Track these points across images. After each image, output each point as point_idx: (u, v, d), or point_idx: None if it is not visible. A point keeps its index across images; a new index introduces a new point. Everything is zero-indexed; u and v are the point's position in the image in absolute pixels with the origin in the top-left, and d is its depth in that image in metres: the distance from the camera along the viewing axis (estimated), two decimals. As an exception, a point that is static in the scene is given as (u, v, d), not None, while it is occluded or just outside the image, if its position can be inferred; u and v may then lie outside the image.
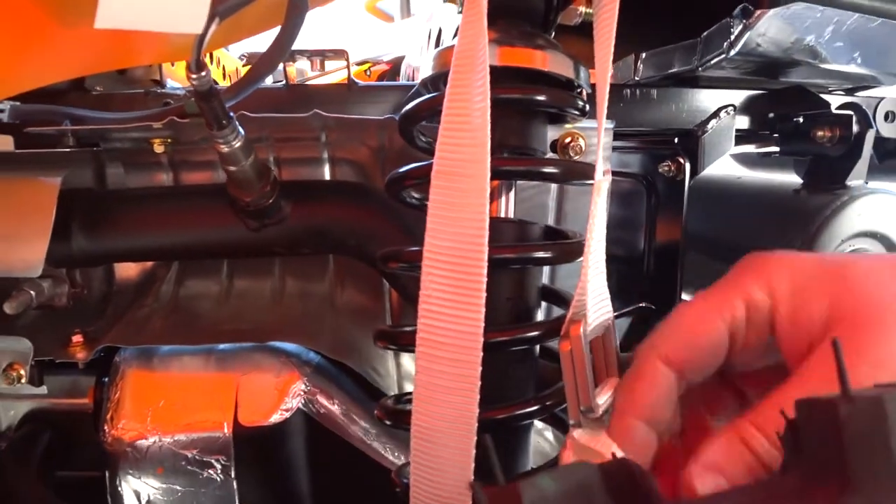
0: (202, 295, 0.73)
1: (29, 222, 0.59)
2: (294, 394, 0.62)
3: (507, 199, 0.51)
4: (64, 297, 0.68)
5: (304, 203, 0.62)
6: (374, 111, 0.70)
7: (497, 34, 0.49)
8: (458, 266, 0.39)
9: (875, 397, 0.24)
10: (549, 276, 0.70)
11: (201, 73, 0.46)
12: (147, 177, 0.70)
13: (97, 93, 0.71)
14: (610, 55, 0.43)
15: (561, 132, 0.64)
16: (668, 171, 0.77)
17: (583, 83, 0.51)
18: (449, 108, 0.40)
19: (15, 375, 0.64)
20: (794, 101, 0.76)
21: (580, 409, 0.40)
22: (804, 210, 0.71)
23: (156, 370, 0.64)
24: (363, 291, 0.73)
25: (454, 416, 0.41)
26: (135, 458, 0.61)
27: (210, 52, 0.89)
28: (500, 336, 0.46)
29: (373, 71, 1.10)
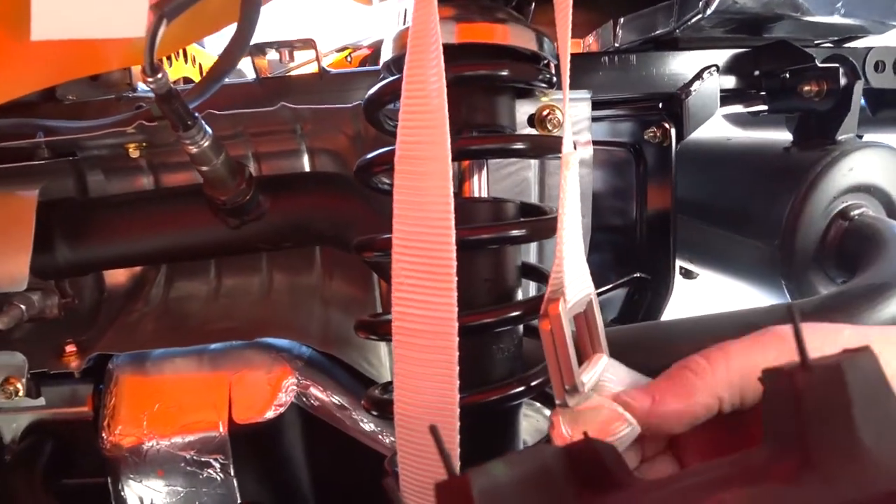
0: (191, 296, 0.73)
1: (9, 237, 0.59)
2: (287, 388, 0.62)
3: (479, 179, 0.50)
4: (55, 308, 0.68)
5: (282, 197, 0.62)
6: (349, 98, 0.69)
7: (456, 10, 0.48)
8: (426, 250, 0.39)
9: (833, 365, 0.23)
10: (537, 252, 0.69)
11: (157, 75, 0.46)
12: (128, 182, 0.70)
13: (69, 102, 0.71)
14: (568, 25, 0.42)
15: (538, 105, 0.62)
16: (654, 137, 0.76)
17: (548, 55, 0.50)
18: (407, 90, 0.39)
19: (12, 389, 0.64)
20: (779, 57, 0.74)
21: (565, 388, 0.40)
22: (794, 168, 0.70)
23: (149, 374, 0.64)
24: (352, 282, 0.73)
25: (435, 402, 0.41)
26: (135, 463, 0.62)
27: (169, 53, 0.88)
28: (477, 319, 0.45)
29: (354, 57, 1.09)
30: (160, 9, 0.42)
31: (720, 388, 0.35)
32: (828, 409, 0.22)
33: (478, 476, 0.24)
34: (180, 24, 0.46)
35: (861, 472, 0.21)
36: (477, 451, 0.37)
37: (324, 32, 1.35)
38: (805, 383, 0.23)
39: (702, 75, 0.73)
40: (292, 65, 0.79)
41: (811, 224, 0.67)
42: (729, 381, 0.35)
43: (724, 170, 0.81)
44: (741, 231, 0.74)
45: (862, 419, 0.22)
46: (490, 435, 0.50)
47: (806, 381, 0.23)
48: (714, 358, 0.36)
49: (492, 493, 0.24)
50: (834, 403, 0.22)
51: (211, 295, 0.73)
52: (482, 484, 0.23)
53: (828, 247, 0.68)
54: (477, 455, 0.31)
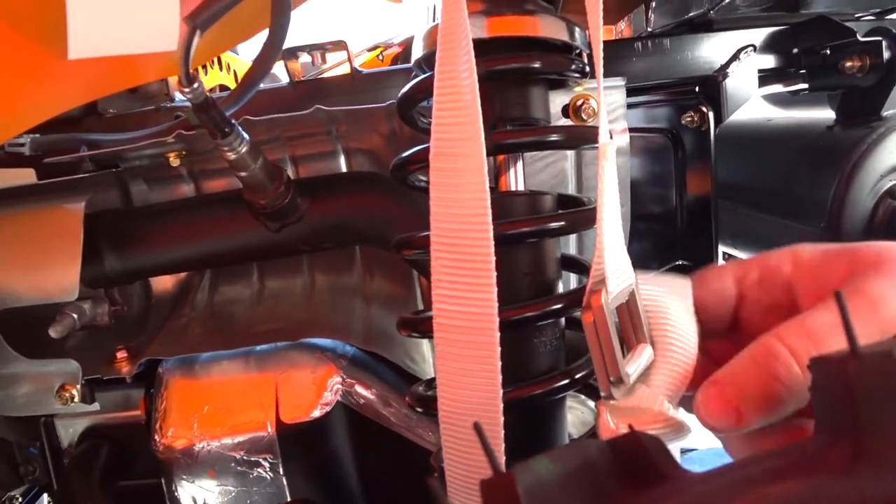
0: (236, 299, 0.74)
1: (59, 249, 0.61)
2: (332, 387, 0.63)
3: (515, 172, 0.50)
4: (105, 315, 0.70)
5: (321, 199, 0.63)
6: (382, 97, 0.69)
7: (485, 4, 0.48)
8: (464, 246, 0.39)
9: (885, 352, 0.22)
10: (577, 244, 0.68)
11: (193, 85, 0.47)
12: (170, 190, 0.72)
13: (110, 115, 0.72)
14: (600, 12, 0.42)
15: (572, 95, 0.62)
16: (692, 121, 0.75)
17: (580, 44, 0.50)
18: (439, 87, 0.39)
19: (68, 396, 0.66)
20: (818, 33, 0.72)
21: (610, 380, 0.39)
22: (838, 147, 0.68)
23: (198, 377, 0.66)
24: (392, 280, 0.73)
25: (478, 398, 0.41)
26: (186, 464, 0.63)
27: (204, 62, 0.90)
28: (518, 313, 0.45)
29: (385, 55, 1.09)
30: (193, 20, 0.43)
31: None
32: (880, 397, 0.22)
33: (522, 472, 0.23)
34: (213, 33, 0.47)
35: (918, 461, 0.20)
36: (522, 445, 0.37)
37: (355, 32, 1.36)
38: (856, 371, 0.22)
39: (738, 56, 0.72)
40: (325, 67, 0.80)
41: (858, 204, 0.65)
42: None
43: (765, 152, 0.79)
44: (785, 214, 0.73)
45: (917, 406, 0.21)
46: (535, 429, 0.50)
47: (857, 369, 0.22)
48: (799, 349, 0.31)
49: (537, 490, 0.24)
50: (886, 391, 0.22)
51: (255, 298, 0.74)
52: (527, 480, 0.23)
53: (876, 227, 0.66)
54: (522, 450, 0.31)
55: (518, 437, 0.42)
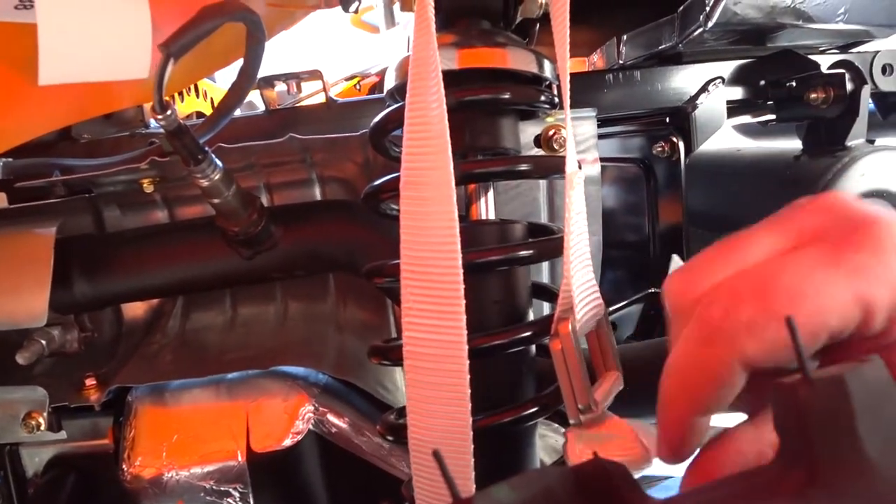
0: (208, 326, 0.74)
1: (28, 274, 0.60)
2: (304, 416, 0.62)
3: (486, 201, 0.51)
4: (75, 342, 0.69)
5: (294, 226, 0.63)
6: (357, 126, 0.70)
7: (456, 36, 0.49)
8: (433, 275, 0.39)
9: (835, 377, 0.23)
10: (549, 272, 0.69)
11: (166, 112, 0.47)
12: (143, 216, 0.71)
13: (85, 140, 0.72)
14: (566, 45, 0.43)
15: (543, 126, 0.63)
16: (663, 151, 0.76)
17: (549, 76, 0.51)
18: (409, 117, 0.39)
19: (34, 424, 0.65)
20: (784, 66, 0.74)
21: (578, 407, 0.39)
22: (805, 176, 0.69)
23: (168, 405, 0.65)
24: (366, 307, 0.73)
25: (448, 426, 0.41)
26: (155, 494, 0.62)
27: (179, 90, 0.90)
28: (487, 341, 0.45)
29: (363, 84, 1.11)
30: (166, 48, 0.43)
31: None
32: (832, 423, 0.22)
33: (482, 500, 0.24)
34: (189, 60, 0.47)
35: (866, 486, 0.21)
36: (493, 473, 0.37)
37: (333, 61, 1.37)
38: (807, 397, 0.23)
39: (707, 88, 0.73)
40: (302, 96, 0.80)
41: (825, 232, 0.67)
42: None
43: (735, 181, 0.80)
44: (755, 242, 0.74)
45: (866, 431, 0.22)
46: (506, 456, 0.50)
47: (808, 395, 0.23)
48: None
49: (495, 518, 0.24)
50: (838, 416, 0.22)
51: (227, 325, 0.74)
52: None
53: (843, 254, 0.67)
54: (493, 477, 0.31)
55: (489, 465, 0.42)
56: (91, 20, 0.40)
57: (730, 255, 0.30)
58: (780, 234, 0.30)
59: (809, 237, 0.28)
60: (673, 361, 0.30)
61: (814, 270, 0.26)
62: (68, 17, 0.40)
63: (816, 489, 0.21)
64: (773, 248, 0.29)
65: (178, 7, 0.46)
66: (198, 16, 0.45)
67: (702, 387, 0.28)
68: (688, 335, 0.29)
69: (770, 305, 0.26)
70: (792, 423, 0.24)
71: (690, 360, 0.29)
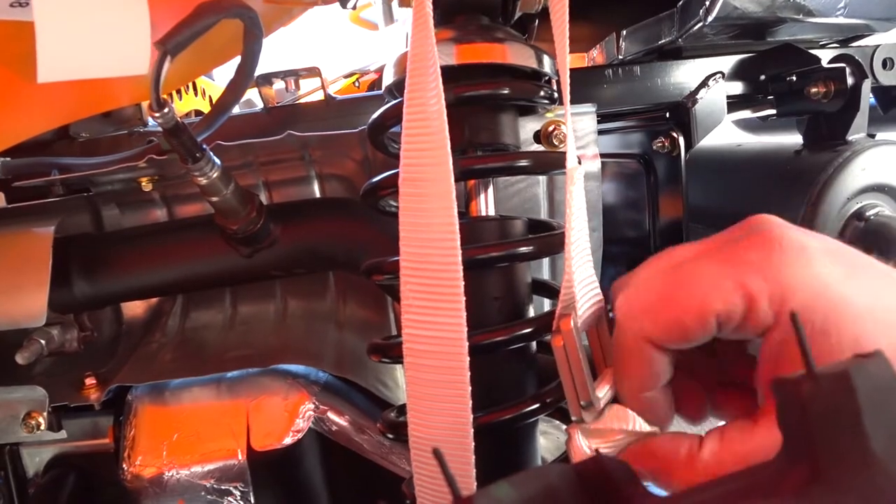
0: (208, 325, 0.74)
1: (27, 274, 0.60)
2: (304, 414, 0.62)
3: (485, 197, 0.51)
4: (75, 342, 0.69)
5: (293, 224, 0.63)
6: (356, 123, 0.69)
7: (455, 32, 0.48)
8: (432, 271, 0.39)
9: (841, 372, 0.22)
10: (550, 269, 0.69)
11: (163, 110, 0.46)
12: (142, 215, 0.71)
13: (83, 139, 0.72)
14: (565, 40, 0.42)
15: (543, 122, 0.63)
16: (663, 147, 0.76)
17: (549, 71, 0.50)
18: (407, 113, 0.39)
19: (34, 423, 0.65)
20: (785, 61, 0.73)
21: (580, 404, 0.39)
22: (806, 171, 0.69)
23: (168, 404, 0.65)
24: (366, 305, 0.73)
25: (448, 423, 0.41)
26: (155, 493, 0.62)
27: (177, 87, 0.90)
28: (488, 338, 0.45)
29: (362, 81, 1.10)
30: (164, 46, 0.43)
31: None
32: (836, 419, 0.22)
33: (482, 499, 0.23)
34: (186, 58, 0.47)
35: (871, 483, 0.20)
36: (494, 470, 0.37)
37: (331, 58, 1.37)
38: (812, 393, 0.22)
39: (707, 83, 0.73)
40: (300, 93, 0.80)
41: (826, 227, 0.66)
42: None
43: (735, 176, 0.80)
44: (755, 237, 0.74)
45: (872, 427, 0.21)
46: (507, 454, 0.50)
47: (812, 391, 0.22)
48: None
49: (496, 516, 0.23)
50: (843, 412, 0.22)
51: (227, 323, 0.74)
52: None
53: (844, 249, 0.67)
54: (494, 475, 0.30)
55: (490, 462, 0.41)
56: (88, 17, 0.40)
57: (656, 263, 0.36)
58: (700, 245, 0.35)
59: (718, 245, 0.33)
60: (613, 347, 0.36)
61: (705, 265, 0.32)
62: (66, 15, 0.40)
63: (820, 486, 0.21)
64: (690, 255, 0.34)
65: (176, 4, 0.46)
66: (195, 13, 0.45)
67: (629, 365, 0.35)
68: (615, 325, 0.36)
69: (664, 292, 0.32)
70: (795, 418, 0.23)
71: (615, 344, 0.36)
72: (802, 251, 0.31)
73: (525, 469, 0.51)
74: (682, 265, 0.33)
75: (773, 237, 0.32)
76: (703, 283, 0.31)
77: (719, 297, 0.31)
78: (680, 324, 0.32)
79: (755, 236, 0.32)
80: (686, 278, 0.32)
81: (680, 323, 0.32)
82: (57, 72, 0.37)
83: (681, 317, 0.32)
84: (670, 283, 0.33)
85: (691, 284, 0.32)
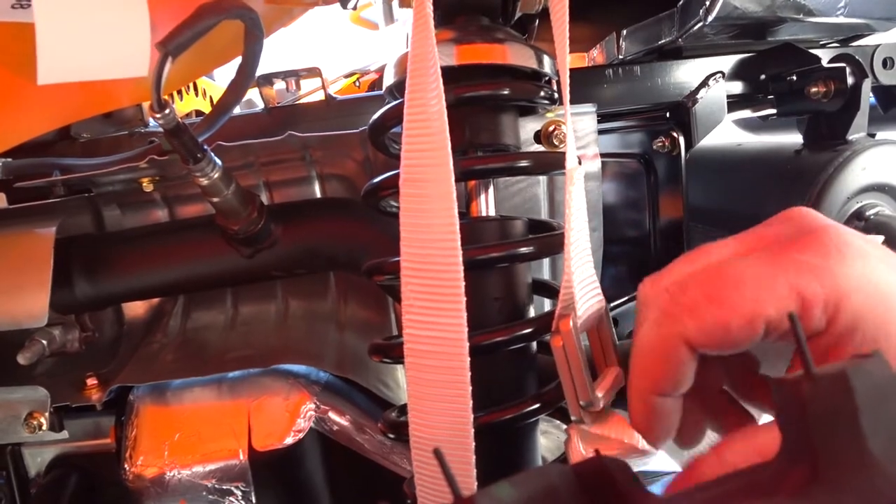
0: (209, 325, 0.74)
1: (28, 274, 0.60)
2: (305, 414, 0.62)
3: (486, 198, 0.51)
4: (76, 342, 0.69)
5: (293, 224, 0.63)
6: (356, 123, 0.69)
7: (455, 32, 0.48)
8: (433, 272, 0.39)
9: (838, 373, 0.22)
10: (550, 269, 0.69)
11: (164, 111, 0.47)
12: (143, 215, 0.71)
13: (84, 139, 0.72)
14: (566, 40, 0.42)
15: (543, 122, 0.63)
16: (663, 147, 0.76)
17: (549, 71, 0.50)
18: (408, 114, 0.39)
19: (36, 424, 0.65)
20: (785, 60, 0.73)
21: (580, 404, 0.39)
22: (806, 170, 0.69)
23: (169, 404, 0.65)
24: (367, 305, 0.73)
25: (449, 424, 0.41)
26: (157, 493, 0.62)
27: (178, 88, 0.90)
28: (488, 338, 0.45)
29: (362, 81, 1.10)
30: (164, 47, 0.43)
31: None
32: (835, 419, 0.22)
33: (483, 499, 0.23)
34: (187, 59, 0.47)
35: (869, 483, 0.20)
36: (495, 471, 0.37)
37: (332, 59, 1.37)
38: (810, 393, 0.22)
39: (707, 82, 0.73)
40: (300, 93, 0.80)
41: (826, 226, 0.66)
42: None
43: (735, 176, 0.80)
44: (756, 237, 0.74)
45: (870, 427, 0.21)
46: (507, 454, 0.50)
47: (811, 391, 0.22)
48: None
49: (496, 516, 0.24)
50: (841, 413, 0.22)
51: (228, 324, 0.74)
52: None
53: (844, 249, 0.67)
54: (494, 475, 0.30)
55: (490, 462, 0.42)
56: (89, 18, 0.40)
57: (694, 260, 0.34)
58: (742, 242, 0.33)
59: (765, 243, 0.32)
60: (633, 345, 0.34)
61: (756, 265, 0.30)
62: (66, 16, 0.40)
63: (819, 486, 0.21)
64: (732, 252, 0.33)
65: (176, 5, 0.46)
66: (195, 13, 0.45)
67: (654, 365, 0.32)
68: (644, 321, 0.33)
69: (710, 292, 0.30)
70: (794, 419, 0.24)
71: (643, 342, 0.33)
72: (861, 257, 0.29)
73: (525, 469, 0.51)
74: (729, 263, 0.31)
75: (830, 239, 0.30)
76: (756, 285, 0.29)
77: (773, 301, 0.29)
78: (726, 327, 0.29)
79: (809, 237, 0.30)
80: (736, 278, 0.30)
81: (726, 326, 0.29)
82: (57, 73, 0.37)
83: (728, 319, 0.29)
84: (718, 283, 0.30)
85: (743, 286, 0.29)
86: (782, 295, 0.29)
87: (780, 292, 0.29)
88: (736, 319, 0.29)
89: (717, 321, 0.29)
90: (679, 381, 0.32)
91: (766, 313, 0.29)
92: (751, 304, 0.29)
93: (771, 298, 0.29)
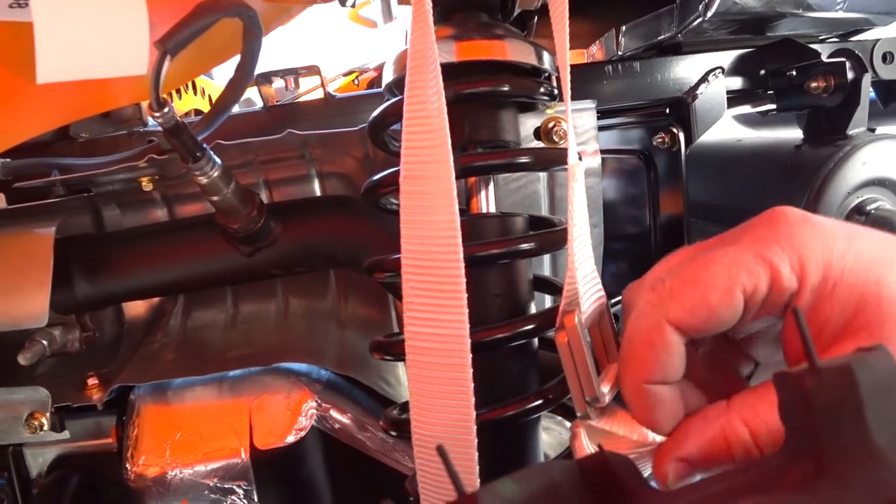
0: (209, 324, 0.74)
1: (28, 274, 0.60)
2: (306, 412, 0.62)
3: (486, 194, 0.51)
4: (76, 342, 0.69)
5: (293, 222, 0.63)
6: (355, 121, 0.69)
7: (454, 29, 0.48)
8: (434, 269, 0.39)
9: (843, 366, 0.22)
10: (551, 265, 0.69)
11: (163, 109, 0.46)
12: (143, 214, 0.71)
13: (83, 139, 0.72)
14: (566, 36, 0.42)
15: (543, 118, 0.62)
16: (663, 142, 0.76)
17: (548, 68, 0.50)
18: (408, 111, 0.39)
19: (37, 424, 0.65)
20: (784, 56, 0.73)
21: (586, 399, 0.39)
22: (806, 165, 0.69)
23: (170, 404, 0.65)
24: (367, 303, 0.73)
25: (451, 420, 0.41)
26: (159, 493, 0.62)
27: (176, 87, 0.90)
28: (490, 335, 0.45)
29: (361, 79, 1.10)
30: (163, 45, 0.43)
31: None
32: (839, 413, 0.22)
33: (486, 495, 0.23)
34: (185, 57, 0.47)
35: (875, 476, 0.20)
36: (497, 467, 0.37)
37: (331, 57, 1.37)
38: (814, 386, 0.22)
39: (707, 78, 0.73)
40: (299, 91, 0.80)
41: (827, 222, 0.66)
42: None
43: (736, 171, 0.80)
44: (756, 232, 0.74)
45: (875, 421, 0.21)
46: (510, 450, 0.50)
47: (815, 385, 0.22)
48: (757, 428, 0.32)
49: (500, 512, 0.23)
50: (845, 406, 0.22)
51: (228, 323, 0.74)
52: (490, 503, 0.23)
53: (845, 244, 0.67)
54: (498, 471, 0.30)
55: (493, 459, 0.42)
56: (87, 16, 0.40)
57: (669, 260, 0.37)
58: (711, 239, 0.35)
59: (733, 235, 0.34)
60: (623, 337, 0.35)
61: (724, 247, 0.33)
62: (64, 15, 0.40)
63: (824, 480, 0.21)
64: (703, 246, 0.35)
65: (175, 3, 0.46)
66: (194, 12, 0.45)
67: (641, 352, 0.34)
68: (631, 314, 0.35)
69: (687, 275, 0.33)
70: (798, 413, 0.23)
71: (630, 332, 0.35)
72: (805, 219, 0.33)
73: (528, 465, 0.51)
74: (700, 251, 0.34)
75: (779, 213, 0.34)
76: (727, 261, 0.32)
77: (743, 270, 0.31)
78: (706, 302, 0.32)
79: (763, 217, 0.34)
80: (708, 260, 0.32)
81: (706, 302, 0.32)
82: (56, 72, 0.37)
83: (707, 295, 0.32)
84: (693, 267, 0.33)
85: (715, 263, 0.32)
86: (749, 263, 0.32)
87: (748, 262, 0.32)
88: (714, 293, 0.31)
89: (697, 298, 0.32)
90: (668, 365, 0.33)
91: (739, 281, 0.31)
92: (724, 277, 0.32)
93: (741, 268, 0.31)
